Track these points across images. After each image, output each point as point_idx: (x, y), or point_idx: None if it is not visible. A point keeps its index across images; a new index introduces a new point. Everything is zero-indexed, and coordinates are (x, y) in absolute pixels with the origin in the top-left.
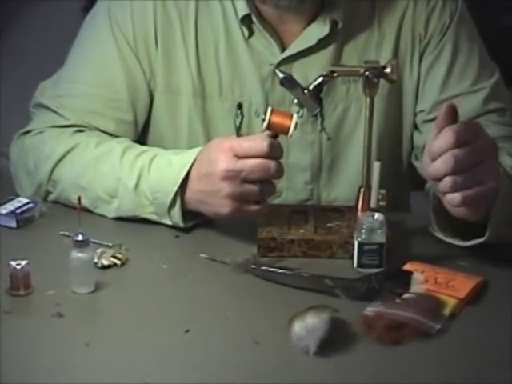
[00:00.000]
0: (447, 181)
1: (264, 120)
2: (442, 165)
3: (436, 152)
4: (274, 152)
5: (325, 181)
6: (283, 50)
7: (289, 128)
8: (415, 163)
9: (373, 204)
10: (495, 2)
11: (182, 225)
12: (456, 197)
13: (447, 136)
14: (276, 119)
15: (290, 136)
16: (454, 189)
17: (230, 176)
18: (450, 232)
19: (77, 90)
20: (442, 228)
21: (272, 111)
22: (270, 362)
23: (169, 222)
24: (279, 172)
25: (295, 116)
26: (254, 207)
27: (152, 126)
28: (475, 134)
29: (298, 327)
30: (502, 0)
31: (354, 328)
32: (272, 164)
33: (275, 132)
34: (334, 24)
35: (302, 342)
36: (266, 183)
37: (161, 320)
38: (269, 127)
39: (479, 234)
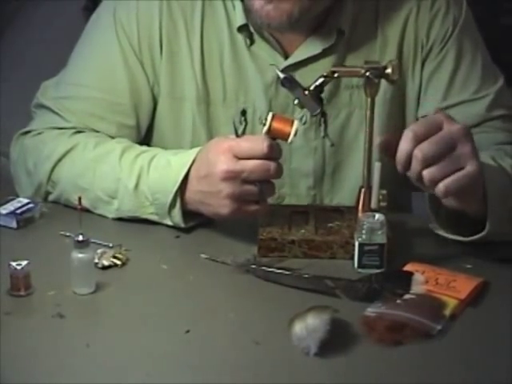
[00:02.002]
0: (425, 175)
1: (265, 124)
2: (414, 163)
3: (402, 155)
4: (274, 153)
5: (327, 186)
6: (286, 57)
7: (289, 135)
8: None
9: (373, 204)
10: (496, 1)
11: (182, 225)
12: (439, 187)
13: (406, 135)
14: (277, 125)
15: (290, 143)
16: (435, 181)
17: (230, 177)
18: (450, 229)
19: (79, 92)
20: (443, 225)
21: (273, 117)
22: (271, 363)
23: (169, 223)
24: (278, 172)
25: (296, 122)
26: (254, 207)
27: (155, 131)
28: (437, 125)
29: (298, 328)
30: (503, 0)
31: (354, 329)
32: (272, 165)
33: (275, 137)
34: (339, 34)
35: (302, 343)
36: (265, 183)
37: (161, 320)
38: (269, 132)
39: (481, 231)
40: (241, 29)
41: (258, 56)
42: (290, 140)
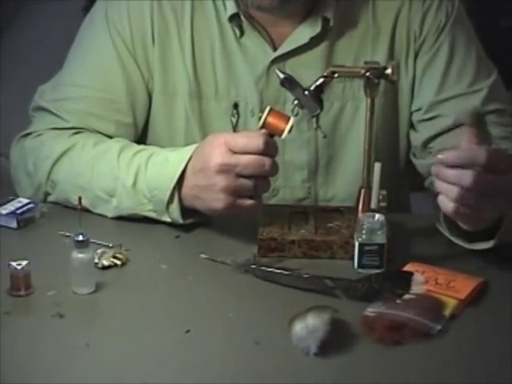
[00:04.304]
0: (454, 190)
1: (260, 118)
2: (463, 175)
3: (462, 156)
4: (269, 150)
5: (322, 179)
6: (275, 49)
7: (283, 131)
8: (414, 160)
9: (373, 205)
10: (496, 3)
11: (181, 221)
12: (450, 206)
13: (480, 154)
14: (272, 120)
15: (283, 138)
16: (457, 200)
17: (225, 170)
18: (455, 231)
19: (76, 93)
20: (449, 226)
21: (269, 111)
22: (271, 363)
23: (168, 219)
24: (274, 169)
25: (292, 120)
26: (248, 202)
27: (150, 127)
28: (508, 165)
29: (298, 328)
30: (504, 1)
31: (354, 329)
32: (267, 161)
33: (269, 132)
34: (325, 22)
35: (302, 343)
36: (260, 179)
37: (161, 320)
38: (263, 127)
39: (484, 236)
40: (231, 19)
41: (247, 48)
42: (283, 136)
